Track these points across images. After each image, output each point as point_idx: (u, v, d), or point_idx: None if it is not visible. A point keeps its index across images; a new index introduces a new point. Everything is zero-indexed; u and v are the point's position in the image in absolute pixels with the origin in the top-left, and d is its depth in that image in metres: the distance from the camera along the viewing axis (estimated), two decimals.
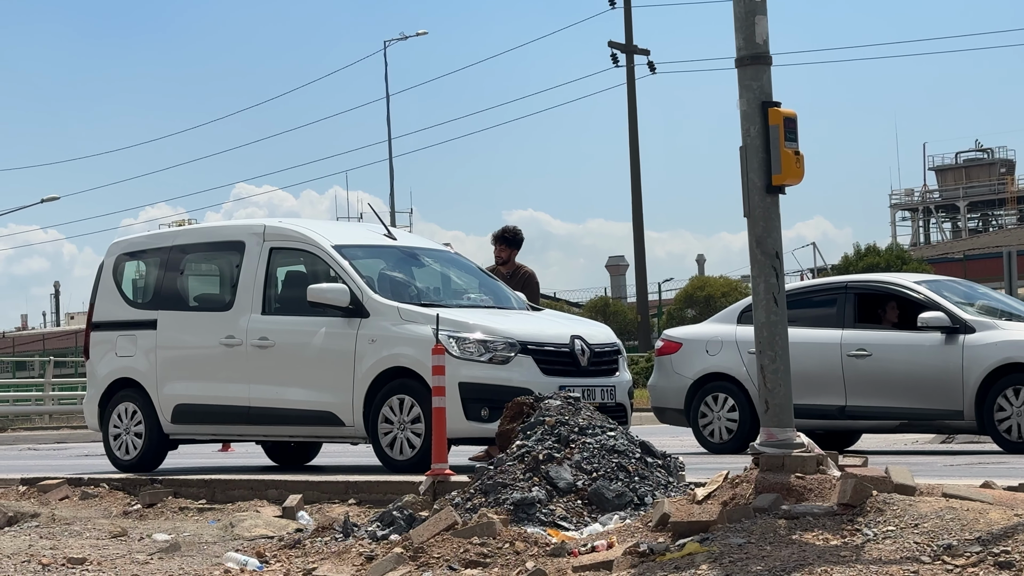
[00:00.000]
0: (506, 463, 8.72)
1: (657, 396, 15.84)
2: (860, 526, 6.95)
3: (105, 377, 14.13)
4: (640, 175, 46.26)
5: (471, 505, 8.44)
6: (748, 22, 8.02)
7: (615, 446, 8.87)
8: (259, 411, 13.01)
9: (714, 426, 15.08)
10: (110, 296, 14.37)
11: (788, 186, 7.97)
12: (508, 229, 14.55)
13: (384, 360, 12.22)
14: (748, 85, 7.98)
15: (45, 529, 10.83)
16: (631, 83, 46.57)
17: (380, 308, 12.39)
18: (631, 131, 46.25)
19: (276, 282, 13.35)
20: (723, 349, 15.17)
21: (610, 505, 8.37)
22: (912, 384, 14.06)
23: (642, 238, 46.88)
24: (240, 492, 11.95)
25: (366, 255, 13.16)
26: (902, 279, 14.93)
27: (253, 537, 9.92)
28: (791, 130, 7.92)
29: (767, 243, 7.94)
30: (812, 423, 14.05)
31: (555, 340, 12.31)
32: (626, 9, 47.21)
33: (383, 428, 12.20)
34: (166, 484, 12.46)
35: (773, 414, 7.84)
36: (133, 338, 13.99)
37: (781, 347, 7.91)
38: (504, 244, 14.44)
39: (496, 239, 14.51)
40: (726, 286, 58.28)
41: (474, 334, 12.01)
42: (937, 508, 7.02)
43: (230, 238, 13.73)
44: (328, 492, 11.32)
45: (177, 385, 13.58)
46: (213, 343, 13.34)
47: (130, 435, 13.86)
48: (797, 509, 7.24)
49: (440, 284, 13.62)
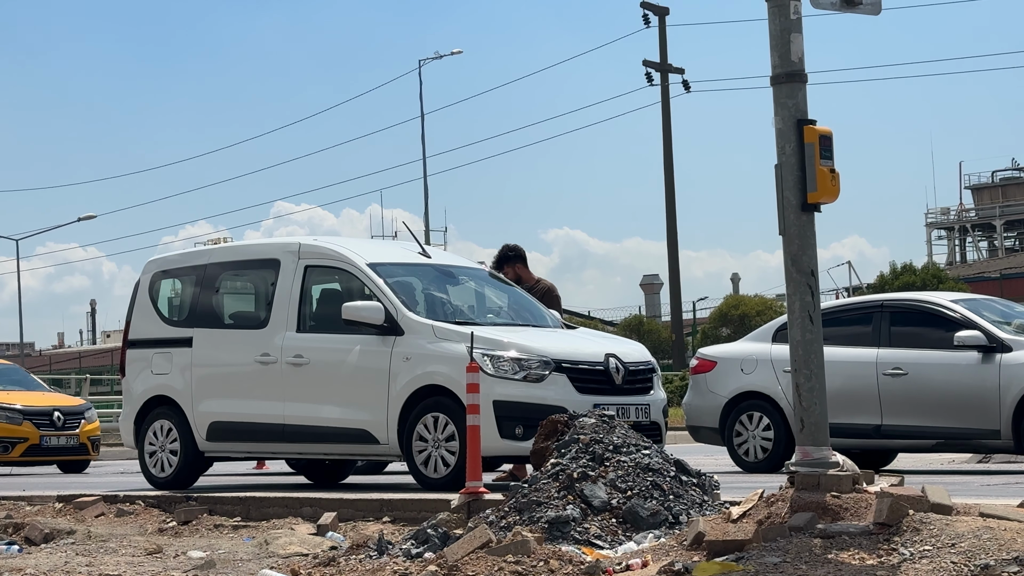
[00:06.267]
0: (540, 481, 8.71)
1: (692, 415, 15.81)
2: (896, 545, 6.92)
3: (141, 395, 14.18)
4: (674, 193, 46.23)
5: (505, 523, 8.43)
6: (783, 40, 8.01)
7: (650, 464, 8.85)
8: (294, 429, 13.02)
9: (749, 445, 15.04)
10: (146, 314, 14.42)
11: (823, 204, 7.95)
12: (504, 248, 14.58)
13: (418, 378, 12.23)
14: (783, 103, 7.97)
15: (81, 546, 10.87)
16: (666, 102, 46.58)
17: (415, 326, 12.40)
18: (665, 150, 46.25)
19: (311, 300, 13.37)
20: (758, 368, 15.13)
21: (645, 523, 8.35)
22: (948, 403, 13.99)
23: (676, 256, 46.84)
24: (275, 510, 11.97)
25: (401, 273, 13.18)
26: (939, 298, 14.87)
27: (288, 555, 9.93)
28: (826, 148, 7.91)
29: (802, 261, 7.92)
30: (847, 442, 13.99)
31: (590, 358, 12.29)
32: (661, 28, 47.24)
33: (417, 446, 12.20)
34: (201, 501, 12.49)
35: (809, 433, 7.81)
36: (169, 356, 14.03)
37: (817, 365, 7.88)
38: (510, 263, 14.45)
39: (498, 264, 14.51)
40: (761, 305, 58.11)
41: (508, 352, 12.00)
42: (974, 528, 6.98)
43: (265, 256, 13.77)
44: (362, 510, 11.33)
45: (212, 402, 13.62)
46: (248, 361, 13.37)
47: (165, 452, 13.90)
48: (833, 528, 7.21)
49: (474, 302, 13.63)
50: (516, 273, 14.40)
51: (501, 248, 14.64)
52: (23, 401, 23.01)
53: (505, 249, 14.57)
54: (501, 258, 14.52)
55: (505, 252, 14.54)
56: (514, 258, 14.48)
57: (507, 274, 14.38)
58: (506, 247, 14.59)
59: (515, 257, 14.49)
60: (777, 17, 8.03)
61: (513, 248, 14.57)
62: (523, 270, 14.47)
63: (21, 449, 22.45)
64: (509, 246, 14.59)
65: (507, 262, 14.47)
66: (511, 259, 14.49)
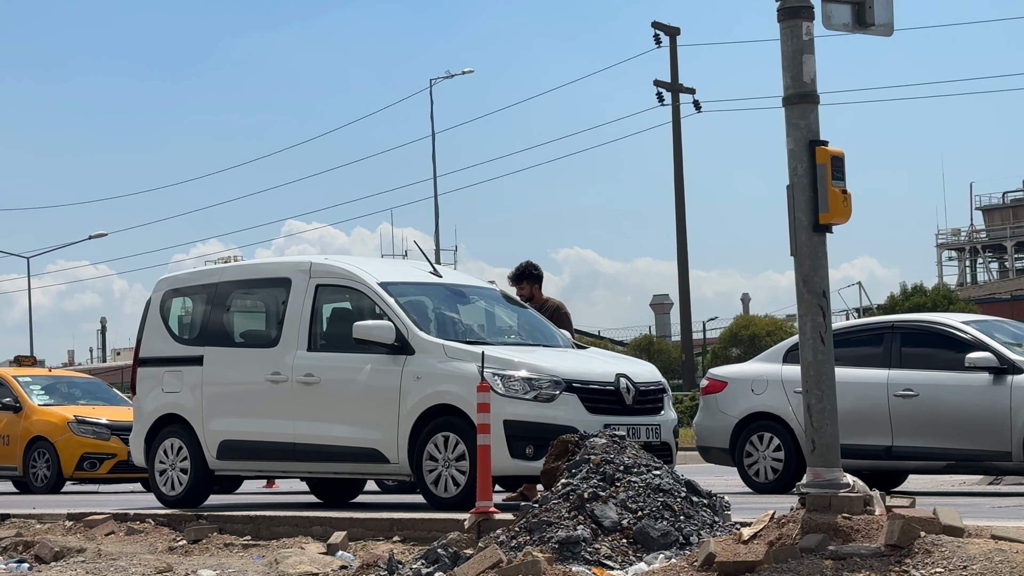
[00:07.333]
0: (551, 501, 8.70)
1: (702, 435, 15.78)
2: (908, 567, 6.90)
3: (151, 413, 14.19)
4: (685, 213, 46.19)
5: (516, 543, 8.42)
6: (796, 61, 8.03)
7: (660, 485, 8.84)
8: (304, 447, 13.02)
9: (759, 465, 15.01)
10: (157, 332, 14.44)
11: (835, 225, 7.96)
12: (527, 264, 14.55)
13: (429, 397, 12.23)
14: (795, 124, 7.98)
15: (91, 564, 10.87)
16: (676, 122, 46.59)
17: (425, 345, 12.40)
18: (676, 169, 46.24)
19: (322, 319, 13.38)
20: (768, 388, 15.11)
21: (655, 544, 8.34)
22: (959, 425, 13.96)
23: (687, 276, 46.79)
24: (285, 528, 11.96)
25: (412, 292, 13.18)
26: (949, 319, 14.85)
27: (297, 574, 9.93)
28: (838, 169, 7.92)
29: (814, 282, 7.92)
30: (858, 463, 13.96)
31: (600, 378, 12.28)
32: (672, 48, 47.26)
33: (428, 465, 12.19)
34: (211, 520, 12.48)
35: (820, 454, 7.80)
36: (179, 374, 14.05)
37: (828, 386, 7.88)
38: (525, 281, 14.43)
39: (516, 277, 14.48)
40: (771, 325, 58.04)
41: (519, 372, 12.00)
42: (986, 550, 6.96)
43: (276, 275, 13.78)
44: (372, 529, 11.32)
45: (222, 421, 13.62)
46: (259, 379, 13.37)
47: (176, 471, 13.91)
48: (844, 550, 7.20)
49: (485, 321, 13.63)
50: (530, 292, 14.40)
51: (524, 264, 14.57)
52: (109, 416, 22.32)
53: (528, 266, 14.53)
54: (521, 273, 14.48)
55: (528, 269, 14.50)
56: (533, 277, 14.47)
57: (522, 289, 14.39)
58: (530, 264, 14.56)
59: (535, 276, 14.49)
60: (790, 38, 8.05)
61: (536, 268, 14.56)
62: (537, 291, 14.47)
63: (109, 465, 21.85)
64: (532, 264, 14.57)
65: (526, 279, 14.45)
66: (531, 277, 14.47)
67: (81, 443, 21.96)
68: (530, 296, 14.37)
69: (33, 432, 22.30)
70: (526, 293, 14.39)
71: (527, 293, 14.39)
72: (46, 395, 23.28)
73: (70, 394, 23.65)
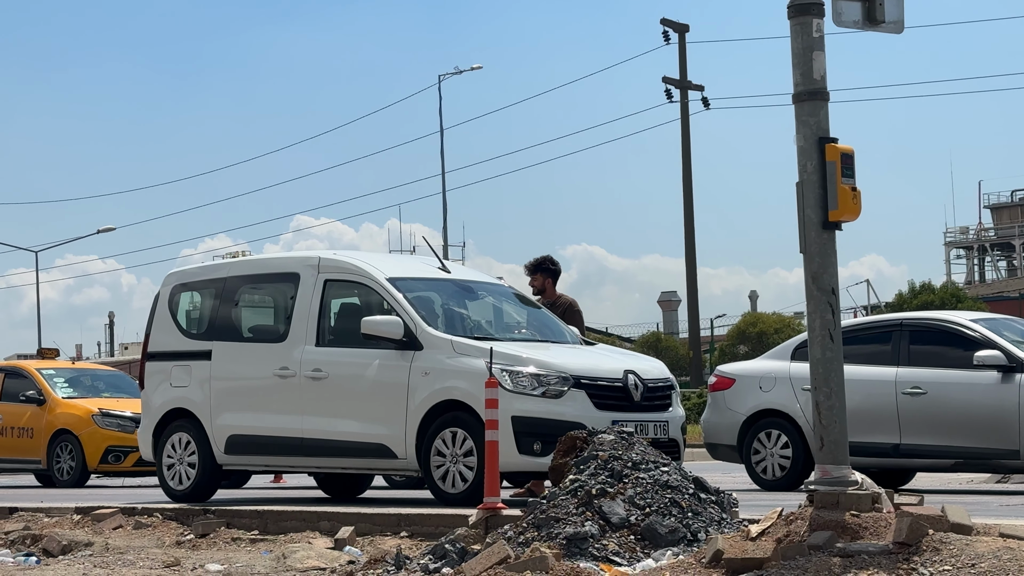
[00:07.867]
0: (559, 497, 8.70)
1: (710, 432, 15.78)
2: (916, 565, 6.90)
3: (159, 407, 14.21)
4: (693, 210, 46.19)
5: (523, 539, 8.43)
6: (806, 58, 8.01)
7: (668, 481, 8.84)
8: (312, 443, 13.03)
9: (767, 463, 15.00)
10: (165, 326, 14.46)
11: (845, 222, 7.95)
12: (546, 258, 14.52)
13: (437, 393, 12.23)
14: (805, 121, 7.98)
15: (99, 558, 10.88)
16: (685, 119, 46.56)
17: (433, 341, 12.40)
18: (684, 166, 46.21)
19: (330, 314, 13.38)
20: (776, 385, 15.10)
21: (663, 541, 8.34)
22: (967, 423, 13.95)
23: (695, 273, 46.78)
24: (292, 523, 11.97)
25: (420, 288, 13.18)
26: (958, 317, 14.84)
27: (305, 568, 9.94)
28: (848, 166, 7.90)
29: (823, 279, 7.92)
30: (866, 461, 13.95)
31: (608, 375, 12.28)
32: (680, 45, 47.23)
33: (435, 461, 12.20)
34: (219, 514, 12.49)
35: (828, 451, 7.80)
36: (187, 368, 14.06)
37: (836, 384, 7.87)
38: (541, 273, 14.40)
39: (533, 268, 14.42)
40: (779, 322, 58.09)
41: (527, 368, 12.00)
42: (994, 548, 6.96)
43: (285, 270, 13.79)
44: (380, 524, 11.32)
45: (230, 416, 13.63)
46: (267, 374, 13.39)
47: (183, 465, 13.92)
48: (852, 547, 7.19)
49: (493, 317, 13.63)
50: (543, 285, 14.39)
51: (543, 257, 14.52)
52: (134, 408, 21.56)
53: (546, 260, 14.50)
54: (537, 264, 14.45)
55: (546, 263, 14.47)
56: (549, 271, 14.45)
57: (535, 280, 14.38)
58: (548, 258, 14.54)
59: (550, 271, 14.46)
60: (800, 35, 8.04)
61: (555, 263, 14.54)
62: (550, 286, 14.45)
63: (134, 458, 21.43)
64: (551, 259, 14.55)
65: (541, 271, 14.42)
66: (546, 271, 14.44)
67: (105, 436, 21.88)
68: (542, 289, 14.36)
69: (57, 425, 22.23)
70: (538, 284, 14.38)
71: (539, 285, 14.38)
72: (70, 388, 23.18)
73: (93, 387, 23.56)
